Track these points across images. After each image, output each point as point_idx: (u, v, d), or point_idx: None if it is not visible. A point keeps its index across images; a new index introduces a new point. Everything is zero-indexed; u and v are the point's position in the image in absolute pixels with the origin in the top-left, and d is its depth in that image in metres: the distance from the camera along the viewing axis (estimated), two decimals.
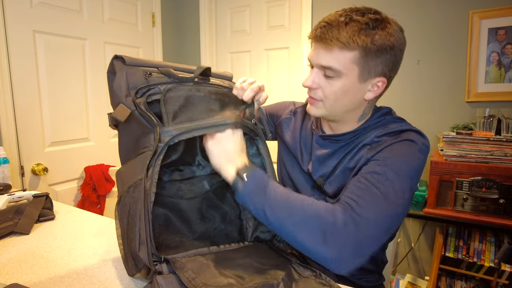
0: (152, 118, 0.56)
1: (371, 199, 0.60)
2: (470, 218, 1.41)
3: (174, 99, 0.60)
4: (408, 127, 0.72)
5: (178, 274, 0.49)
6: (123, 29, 2.05)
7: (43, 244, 0.78)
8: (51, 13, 1.66)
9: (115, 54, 0.63)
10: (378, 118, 0.76)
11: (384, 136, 0.71)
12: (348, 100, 0.71)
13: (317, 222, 0.57)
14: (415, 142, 0.68)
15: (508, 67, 1.59)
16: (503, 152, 1.37)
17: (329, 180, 0.77)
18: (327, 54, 0.66)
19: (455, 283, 1.59)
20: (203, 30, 2.43)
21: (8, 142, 1.53)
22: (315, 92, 0.72)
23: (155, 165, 0.54)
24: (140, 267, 0.55)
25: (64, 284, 0.60)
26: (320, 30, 0.66)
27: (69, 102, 1.78)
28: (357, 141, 0.75)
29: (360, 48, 0.64)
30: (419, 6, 1.75)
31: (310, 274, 0.55)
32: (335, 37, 0.63)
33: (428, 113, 1.79)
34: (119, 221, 0.60)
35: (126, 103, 0.59)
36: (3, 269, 0.65)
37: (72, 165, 1.82)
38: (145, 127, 0.57)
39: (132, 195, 0.55)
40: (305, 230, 0.57)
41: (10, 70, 1.52)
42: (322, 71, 0.69)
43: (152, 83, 0.61)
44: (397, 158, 0.65)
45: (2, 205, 0.94)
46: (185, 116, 0.60)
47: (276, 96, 2.27)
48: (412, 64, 1.80)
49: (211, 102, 0.65)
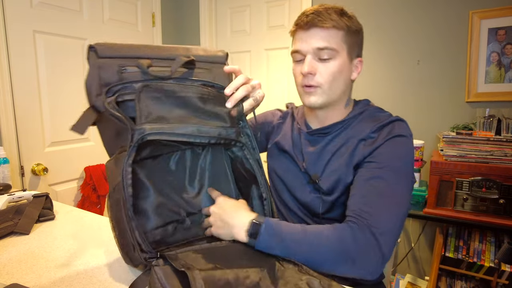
0: (123, 118, 0.54)
1: (381, 206, 0.63)
2: (470, 218, 1.41)
3: (149, 98, 0.56)
4: (396, 117, 0.77)
5: (173, 263, 0.51)
6: (123, 29, 2.05)
7: (43, 244, 0.78)
8: (51, 13, 1.66)
9: (90, 44, 0.58)
10: (361, 107, 0.81)
11: (378, 130, 0.74)
12: (343, 80, 0.77)
13: (341, 250, 0.59)
14: (405, 136, 0.72)
15: (508, 67, 1.59)
16: (503, 152, 1.37)
17: (324, 176, 0.77)
18: (323, 35, 0.72)
19: (455, 283, 1.59)
20: (203, 30, 2.43)
21: (8, 142, 1.53)
22: (313, 78, 0.74)
23: (125, 166, 0.54)
24: (136, 263, 0.57)
25: (64, 284, 0.60)
26: (311, 16, 0.72)
27: (69, 102, 1.78)
28: (347, 133, 0.77)
29: (345, 27, 0.73)
30: (419, 6, 1.74)
31: (292, 266, 0.58)
32: (329, 18, 0.72)
33: (428, 113, 1.79)
34: (110, 216, 0.61)
35: (97, 104, 0.57)
36: (3, 269, 0.65)
37: (72, 165, 1.82)
38: (120, 126, 0.56)
39: (115, 197, 0.57)
40: (332, 259, 0.59)
41: (10, 70, 1.52)
42: (316, 56, 0.74)
43: (126, 80, 0.57)
44: (394, 158, 0.69)
45: (2, 205, 0.94)
46: (159, 116, 0.56)
47: (276, 96, 2.27)
48: (412, 64, 1.80)
49: (189, 104, 0.60)
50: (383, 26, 1.84)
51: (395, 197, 0.65)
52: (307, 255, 0.59)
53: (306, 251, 0.59)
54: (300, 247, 0.60)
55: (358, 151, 0.73)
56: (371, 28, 1.86)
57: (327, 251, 0.59)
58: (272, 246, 0.60)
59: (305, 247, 0.60)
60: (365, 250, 0.59)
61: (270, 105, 2.30)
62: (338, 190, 0.75)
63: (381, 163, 0.69)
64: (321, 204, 0.78)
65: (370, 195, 0.65)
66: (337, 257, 0.59)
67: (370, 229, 0.60)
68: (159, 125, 0.56)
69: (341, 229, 0.61)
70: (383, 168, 0.68)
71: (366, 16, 1.87)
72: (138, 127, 0.54)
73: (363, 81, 1.91)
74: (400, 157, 0.69)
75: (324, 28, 0.72)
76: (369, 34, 1.87)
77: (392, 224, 0.62)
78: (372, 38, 1.86)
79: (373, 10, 1.86)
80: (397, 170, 0.67)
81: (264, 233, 0.61)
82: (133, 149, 0.54)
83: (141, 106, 0.56)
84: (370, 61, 1.88)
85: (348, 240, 0.60)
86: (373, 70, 1.89)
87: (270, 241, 0.60)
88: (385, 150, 0.70)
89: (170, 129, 0.56)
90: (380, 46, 1.86)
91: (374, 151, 0.71)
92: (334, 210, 0.78)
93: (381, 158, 0.70)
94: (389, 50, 1.84)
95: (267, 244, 0.61)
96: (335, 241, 0.60)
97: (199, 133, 0.59)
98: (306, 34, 0.74)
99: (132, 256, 0.56)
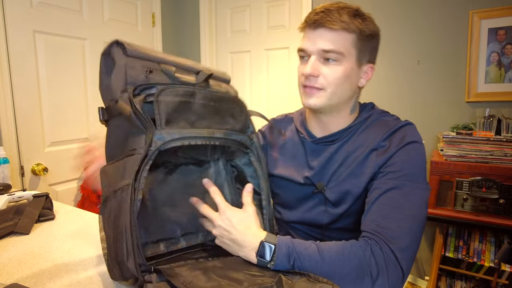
0: (146, 120, 0.53)
1: (399, 220, 0.60)
2: (470, 218, 1.41)
3: (170, 102, 0.56)
4: (405, 121, 0.73)
5: (173, 281, 0.48)
6: (123, 29, 2.05)
7: (43, 244, 0.78)
8: (51, 13, 1.66)
9: (116, 39, 0.58)
10: (368, 112, 0.77)
11: (389, 138, 0.70)
12: (349, 86, 0.71)
13: (361, 268, 0.56)
14: (418, 142, 0.69)
15: (508, 67, 1.59)
16: (503, 152, 1.37)
17: (330, 186, 0.73)
18: (330, 36, 0.67)
19: (455, 283, 1.59)
20: (203, 30, 2.43)
21: (8, 142, 1.53)
22: (316, 80, 0.69)
23: (143, 171, 0.51)
24: (127, 276, 0.52)
25: (64, 284, 0.60)
26: (320, 15, 0.67)
27: (69, 102, 1.78)
28: (355, 141, 0.73)
29: (357, 30, 0.67)
30: (419, 6, 1.74)
31: (299, 279, 0.55)
32: (338, 19, 0.66)
33: (428, 113, 1.79)
34: (102, 224, 0.57)
35: (122, 100, 0.55)
36: (3, 269, 0.65)
37: (72, 165, 1.82)
38: (137, 127, 0.54)
39: (119, 200, 0.53)
40: (352, 278, 0.56)
41: (10, 70, 1.52)
42: (321, 57, 0.69)
43: (152, 81, 0.57)
44: (410, 166, 0.66)
45: (2, 205, 0.94)
46: (179, 121, 0.57)
47: (276, 96, 2.27)
48: (412, 64, 1.80)
49: (208, 109, 0.61)
50: (383, 26, 1.83)
51: (413, 209, 0.62)
52: (326, 276, 0.56)
53: (326, 271, 0.56)
54: (320, 268, 0.56)
55: (371, 162, 0.69)
56: None
57: (348, 272, 0.56)
58: (288, 268, 0.57)
59: (325, 267, 0.56)
60: (385, 267, 0.56)
61: (270, 105, 2.30)
62: (347, 202, 0.71)
63: (396, 172, 0.66)
64: (325, 216, 0.75)
65: (387, 209, 0.62)
66: (357, 275, 0.56)
67: (389, 245, 0.58)
68: (177, 129, 0.55)
69: (359, 246, 0.58)
70: (399, 178, 0.65)
71: None
72: (158, 133, 0.53)
73: None
74: (415, 165, 0.66)
75: (332, 29, 0.66)
76: None
77: (410, 240, 0.59)
78: None
79: (373, 10, 1.86)
80: (414, 178, 0.65)
81: (280, 256, 0.57)
82: (155, 153, 0.52)
83: (160, 109, 0.55)
84: None
85: (367, 257, 0.57)
86: None
87: (286, 265, 0.57)
88: (399, 159, 0.67)
89: (188, 133, 0.56)
90: (380, 46, 1.85)
91: (388, 161, 0.68)
92: (340, 221, 0.74)
93: (396, 167, 0.66)
94: (389, 50, 1.84)
95: (284, 267, 0.57)
96: (354, 259, 0.57)
97: (212, 135, 0.59)
98: (313, 33, 0.69)
99: (124, 267, 0.51)
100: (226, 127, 0.63)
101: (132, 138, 0.55)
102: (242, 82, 2.40)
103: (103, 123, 0.61)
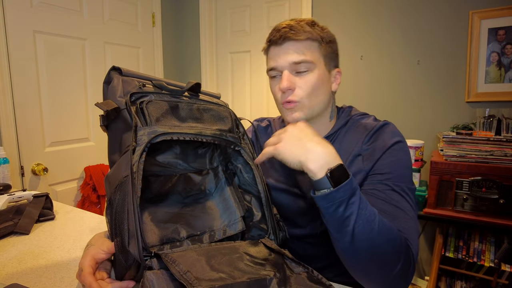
0: (137, 118, 0.57)
1: (406, 220, 0.62)
2: (470, 218, 1.41)
3: (160, 104, 0.62)
4: (383, 122, 0.75)
5: (170, 268, 0.48)
6: (123, 29, 2.05)
7: (43, 244, 0.78)
8: (51, 13, 1.66)
9: (113, 66, 0.66)
10: (345, 117, 0.79)
11: (371, 141, 0.72)
12: (323, 93, 0.73)
13: (398, 255, 0.57)
14: (401, 141, 0.71)
15: (508, 67, 1.59)
16: (503, 152, 1.37)
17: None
18: (298, 47, 0.70)
19: (455, 283, 1.59)
20: (203, 30, 2.43)
21: (8, 142, 1.53)
22: (293, 93, 0.71)
23: (139, 162, 0.53)
24: (129, 263, 0.53)
25: (64, 284, 0.60)
26: (283, 30, 0.70)
27: (69, 102, 1.78)
28: (338, 149, 0.70)
29: (319, 38, 0.71)
30: (419, 6, 1.74)
31: (301, 270, 0.54)
32: (301, 30, 0.70)
33: (428, 113, 1.79)
34: (109, 226, 0.58)
35: (117, 101, 0.61)
36: (3, 269, 0.65)
37: (72, 165, 1.82)
38: (130, 125, 0.58)
39: (119, 192, 0.55)
40: (390, 262, 0.56)
41: (10, 70, 1.52)
42: (293, 71, 0.71)
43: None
44: (398, 168, 0.68)
45: (2, 205, 0.94)
46: (169, 120, 0.62)
47: None
48: (412, 64, 1.80)
49: (198, 112, 0.67)
50: (383, 26, 1.84)
51: (412, 209, 0.64)
52: (370, 243, 0.54)
53: (374, 237, 0.54)
54: (370, 232, 0.54)
55: (357, 167, 0.70)
56: (371, 29, 1.87)
57: (389, 251, 0.56)
58: (344, 202, 0.53)
59: (375, 235, 0.54)
60: (410, 263, 0.59)
61: (270, 105, 2.30)
62: None
63: (385, 174, 0.68)
64: (320, 225, 0.75)
65: (391, 209, 0.63)
66: (394, 260, 0.56)
67: (409, 245, 0.59)
68: (168, 127, 0.60)
69: (402, 236, 0.59)
70: (390, 180, 0.67)
71: (367, 16, 1.87)
72: (149, 128, 0.58)
73: (363, 81, 1.91)
74: (402, 165, 0.69)
75: (298, 40, 0.69)
76: (370, 35, 1.88)
77: (415, 236, 0.61)
78: (373, 39, 1.87)
79: (373, 10, 1.86)
80: (403, 179, 0.67)
81: (350, 183, 0.53)
82: (147, 144, 0.56)
83: (150, 110, 0.60)
84: (370, 61, 1.88)
85: (404, 247, 0.58)
86: (373, 70, 1.89)
87: (348, 196, 0.52)
88: (386, 161, 0.69)
89: (179, 129, 0.61)
90: (380, 46, 1.86)
91: (375, 165, 0.69)
92: None
93: (384, 170, 0.68)
94: (389, 50, 1.84)
95: (342, 196, 0.52)
96: (397, 243, 0.57)
97: (201, 133, 0.63)
98: (280, 49, 0.71)
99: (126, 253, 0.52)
100: (215, 127, 0.68)
101: (127, 135, 0.59)
102: (242, 82, 2.40)
103: (103, 129, 0.65)
